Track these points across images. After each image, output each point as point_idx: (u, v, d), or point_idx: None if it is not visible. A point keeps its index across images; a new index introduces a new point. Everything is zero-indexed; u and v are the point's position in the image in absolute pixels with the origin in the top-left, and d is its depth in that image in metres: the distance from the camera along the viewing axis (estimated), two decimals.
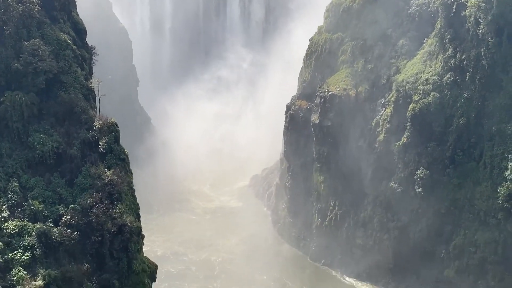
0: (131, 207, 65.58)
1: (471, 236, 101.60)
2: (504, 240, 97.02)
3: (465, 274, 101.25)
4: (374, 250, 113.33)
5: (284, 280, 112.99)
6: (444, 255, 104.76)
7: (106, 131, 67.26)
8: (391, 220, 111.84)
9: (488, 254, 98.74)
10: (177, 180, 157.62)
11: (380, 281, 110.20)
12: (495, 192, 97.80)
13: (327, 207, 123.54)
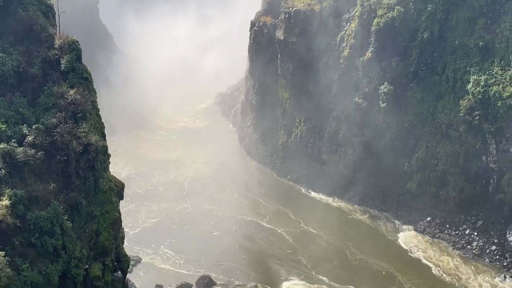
0: (96, 126, 65.11)
1: (433, 149, 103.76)
2: (465, 152, 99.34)
3: (427, 186, 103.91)
4: (339, 165, 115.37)
5: (253, 196, 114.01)
6: (407, 168, 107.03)
7: (67, 49, 65.83)
8: (356, 135, 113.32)
9: (449, 166, 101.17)
10: (140, 102, 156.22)
11: (345, 195, 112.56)
12: (457, 105, 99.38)
13: (292, 123, 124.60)
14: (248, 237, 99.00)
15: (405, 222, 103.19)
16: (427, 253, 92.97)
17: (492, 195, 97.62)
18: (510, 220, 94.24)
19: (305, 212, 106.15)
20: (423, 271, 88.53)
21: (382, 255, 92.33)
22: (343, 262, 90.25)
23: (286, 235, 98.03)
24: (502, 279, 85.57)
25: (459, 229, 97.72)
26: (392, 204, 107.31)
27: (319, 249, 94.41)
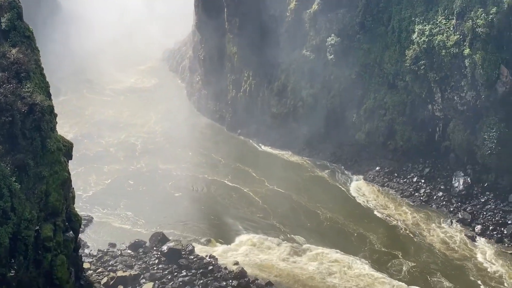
0: (40, 85, 63.84)
1: (380, 99, 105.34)
2: (411, 101, 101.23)
3: (375, 136, 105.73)
4: (289, 118, 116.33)
5: (210, 154, 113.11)
6: (356, 119, 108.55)
7: (7, 7, 63.92)
8: (304, 87, 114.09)
9: (396, 115, 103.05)
10: (85, 63, 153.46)
11: (295, 147, 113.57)
12: (403, 55, 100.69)
13: (241, 77, 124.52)
14: (211, 196, 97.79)
15: (355, 172, 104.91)
16: (378, 202, 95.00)
17: (438, 143, 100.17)
18: (455, 166, 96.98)
19: (265, 169, 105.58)
20: (378, 222, 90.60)
21: (344, 211, 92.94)
22: (316, 223, 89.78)
23: (253, 195, 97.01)
24: (449, 224, 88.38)
25: (407, 177, 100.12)
26: (342, 155, 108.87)
27: (291, 210, 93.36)
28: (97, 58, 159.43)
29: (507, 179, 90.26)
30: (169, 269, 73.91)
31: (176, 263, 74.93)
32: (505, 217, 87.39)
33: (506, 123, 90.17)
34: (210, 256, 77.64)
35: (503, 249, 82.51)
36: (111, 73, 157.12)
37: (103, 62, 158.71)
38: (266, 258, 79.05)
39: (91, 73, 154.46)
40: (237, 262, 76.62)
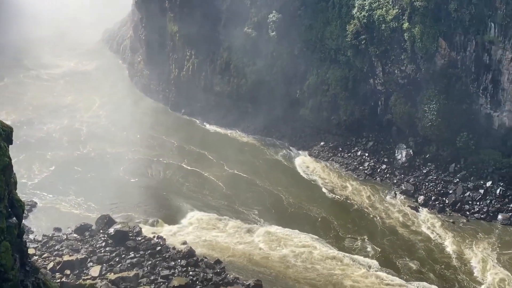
0: None
1: (323, 75, 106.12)
2: (353, 76, 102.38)
3: (319, 111, 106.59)
4: (233, 96, 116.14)
5: (159, 136, 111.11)
6: (299, 95, 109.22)
7: None
8: (247, 65, 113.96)
9: (339, 90, 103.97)
10: (23, 50, 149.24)
11: (240, 125, 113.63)
12: (344, 30, 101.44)
13: (183, 56, 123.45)
14: (168, 180, 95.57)
15: (300, 148, 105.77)
16: (324, 177, 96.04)
17: (380, 117, 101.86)
18: (398, 139, 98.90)
19: (220, 150, 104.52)
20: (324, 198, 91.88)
21: (292, 188, 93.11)
22: (266, 201, 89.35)
23: (216, 179, 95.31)
24: (393, 196, 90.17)
25: (351, 152, 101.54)
26: (287, 132, 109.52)
27: (245, 189, 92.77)
28: (37, 45, 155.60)
29: (448, 150, 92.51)
30: (116, 252, 73.17)
31: (124, 245, 74.26)
32: (447, 187, 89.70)
33: (446, 95, 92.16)
34: (158, 237, 77.25)
35: (445, 218, 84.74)
36: (50, 58, 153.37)
37: (43, 49, 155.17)
38: (215, 236, 79.11)
39: (30, 59, 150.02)
40: (185, 242, 76.50)
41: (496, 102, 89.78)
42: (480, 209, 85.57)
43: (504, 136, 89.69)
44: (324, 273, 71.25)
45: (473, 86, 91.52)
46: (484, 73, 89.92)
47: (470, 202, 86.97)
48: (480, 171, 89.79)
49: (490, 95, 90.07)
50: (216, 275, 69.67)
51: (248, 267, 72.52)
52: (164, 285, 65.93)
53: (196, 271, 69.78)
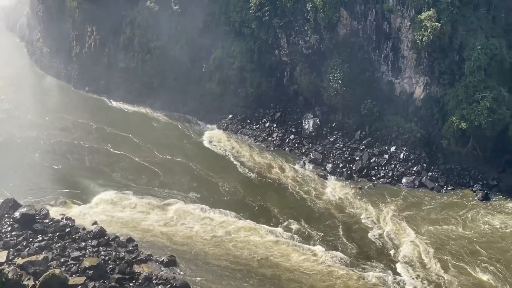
0: None
1: (228, 48, 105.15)
2: (258, 48, 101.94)
3: (226, 84, 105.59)
4: (138, 72, 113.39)
5: (66, 116, 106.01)
6: (206, 68, 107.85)
7: None
8: (151, 40, 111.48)
9: (245, 63, 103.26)
10: None
11: (147, 101, 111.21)
12: (247, 2, 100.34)
13: (84, 33, 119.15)
14: (93, 164, 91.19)
15: (208, 122, 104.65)
16: (233, 149, 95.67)
17: (287, 87, 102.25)
18: (304, 109, 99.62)
19: (140, 131, 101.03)
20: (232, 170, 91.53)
21: (203, 162, 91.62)
22: (176, 178, 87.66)
23: (150, 165, 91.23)
24: (302, 165, 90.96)
25: (259, 123, 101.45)
26: (195, 106, 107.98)
27: (166, 170, 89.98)
28: None
29: (353, 118, 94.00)
30: (23, 236, 69.90)
31: (31, 229, 71.00)
32: (353, 154, 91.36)
33: (349, 64, 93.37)
34: (66, 218, 74.49)
35: (353, 184, 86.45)
36: None
37: None
38: (126, 215, 77.29)
39: None
40: (95, 222, 74.27)
41: (397, 69, 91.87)
42: (386, 173, 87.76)
43: (406, 102, 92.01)
44: (239, 245, 71.08)
45: (375, 54, 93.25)
46: (384, 41, 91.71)
47: (376, 167, 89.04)
48: (385, 137, 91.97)
49: (391, 62, 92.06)
50: (129, 253, 68.16)
51: (161, 243, 71.21)
52: (75, 267, 63.79)
53: (108, 251, 67.98)
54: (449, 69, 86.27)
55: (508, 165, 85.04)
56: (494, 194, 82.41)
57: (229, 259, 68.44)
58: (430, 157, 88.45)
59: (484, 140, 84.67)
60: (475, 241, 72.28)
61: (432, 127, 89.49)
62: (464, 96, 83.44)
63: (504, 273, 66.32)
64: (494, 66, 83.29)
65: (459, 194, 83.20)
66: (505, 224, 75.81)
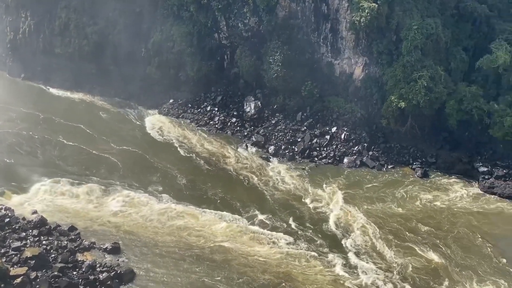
0: None
1: (167, 32, 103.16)
2: (198, 31, 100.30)
3: (166, 69, 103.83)
4: (75, 58, 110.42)
5: (18, 108, 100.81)
6: (145, 53, 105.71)
7: None
8: (88, 25, 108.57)
9: (185, 47, 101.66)
10: None
11: (85, 87, 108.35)
12: None
13: (18, 19, 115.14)
14: (45, 155, 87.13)
15: (149, 107, 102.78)
16: (176, 134, 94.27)
17: (227, 71, 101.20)
18: (246, 92, 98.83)
19: (89, 120, 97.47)
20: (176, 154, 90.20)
21: (145, 148, 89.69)
22: (118, 165, 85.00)
23: (112, 157, 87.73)
24: (244, 148, 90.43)
25: (201, 107, 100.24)
26: (135, 91, 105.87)
27: (104, 159, 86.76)
28: None
29: (294, 100, 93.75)
30: None
31: None
32: (295, 136, 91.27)
33: (289, 46, 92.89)
34: (5, 208, 71.93)
35: (295, 165, 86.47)
36: None
37: None
38: (68, 203, 74.92)
39: None
40: (35, 211, 72.00)
41: (336, 50, 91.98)
42: (328, 154, 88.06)
43: (345, 82, 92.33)
44: (189, 233, 69.78)
45: (314, 36, 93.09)
46: (323, 23, 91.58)
47: (318, 148, 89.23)
48: (326, 118, 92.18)
49: (330, 44, 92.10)
50: (71, 241, 66.37)
51: (105, 231, 69.24)
52: (16, 257, 61.66)
53: (50, 240, 66.00)
54: (387, 49, 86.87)
55: (445, 142, 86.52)
56: (433, 171, 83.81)
57: (180, 247, 67.07)
58: (371, 136, 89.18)
59: (422, 118, 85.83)
60: (413, 218, 73.22)
61: (372, 107, 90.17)
62: (402, 75, 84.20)
63: (445, 249, 67.26)
64: (430, 46, 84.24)
65: (399, 172, 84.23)
66: (440, 200, 77.25)
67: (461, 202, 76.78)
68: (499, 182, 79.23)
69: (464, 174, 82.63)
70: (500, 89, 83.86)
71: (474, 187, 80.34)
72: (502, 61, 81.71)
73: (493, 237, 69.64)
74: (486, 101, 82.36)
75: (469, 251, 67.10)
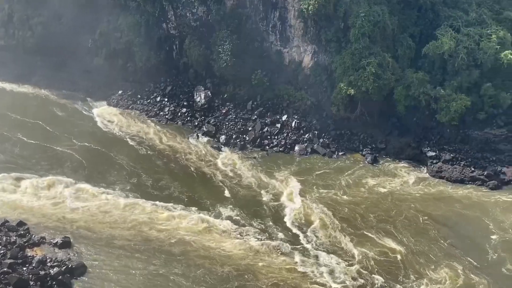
0: None
1: (115, 22, 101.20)
2: (145, 21, 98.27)
3: (114, 60, 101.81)
4: (19, 50, 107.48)
5: None
6: (91, 44, 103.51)
7: None
8: (32, 16, 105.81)
9: (132, 37, 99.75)
10: None
11: (31, 79, 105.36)
12: None
13: None
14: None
15: (98, 98, 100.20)
16: (125, 126, 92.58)
17: (176, 61, 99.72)
18: (195, 82, 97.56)
19: (46, 116, 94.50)
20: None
21: (96, 142, 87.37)
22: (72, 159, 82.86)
23: (69, 151, 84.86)
24: (196, 138, 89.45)
25: (150, 98, 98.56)
26: (82, 83, 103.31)
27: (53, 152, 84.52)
28: None
29: (244, 89, 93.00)
30: None
31: None
32: (246, 125, 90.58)
33: (238, 35, 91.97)
34: None
35: (247, 154, 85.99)
36: None
37: None
38: (16, 198, 72.86)
39: None
40: None
41: (285, 38, 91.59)
42: (279, 142, 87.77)
43: (295, 71, 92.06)
44: (148, 226, 68.35)
45: (263, 24, 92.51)
46: (271, 11, 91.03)
47: (269, 137, 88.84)
48: (276, 107, 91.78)
49: (279, 32, 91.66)
50: (20, 237, 64.64)
51: (58, 226, 67.30)
52: None
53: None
54: (335, 37, 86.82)
55: (394, 128, 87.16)
56: (382, 157, 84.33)
57: (137, 240, 65.60)
58: (321, 124, 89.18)
59: (371, 105, 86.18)
60: (364, 204, 73.30)
61: (322, 95, 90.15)
62: (350, 63, 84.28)
63: (397, 234, 67.44)
64: (377, 33, 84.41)
65: (350, 159, 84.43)
66: (389, 185, 77.57)
67: (409, 187, 77.30)
68: (446, 166, 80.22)
69: (413, 159, 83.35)
70: (446, 74, 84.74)
71: (423, 172, 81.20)
72: (447, 47, 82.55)
73: (437, 219, 70.31)
74: (433, 87, 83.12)
75: (419, 235, 67.50)
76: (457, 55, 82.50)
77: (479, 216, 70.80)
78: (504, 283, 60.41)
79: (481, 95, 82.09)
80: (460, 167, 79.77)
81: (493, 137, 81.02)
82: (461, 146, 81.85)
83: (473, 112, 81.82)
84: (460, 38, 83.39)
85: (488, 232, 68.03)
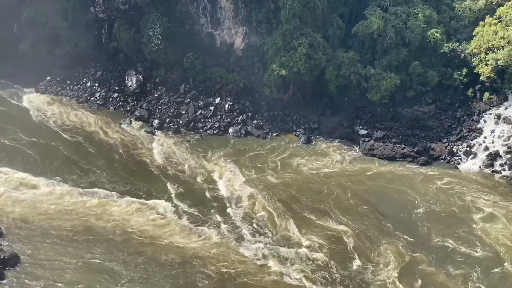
0: None
1: (39, 7, 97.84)
2: (72, 5, 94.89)
3: (41, 45, 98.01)
4: None
5: None
6: (17, 29, 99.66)
7: None
8: None
9: (59, 22, 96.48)
10: None
11: None
12: None
13: None
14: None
15: (25, 85, 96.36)
16: (55, 113, 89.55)
17: (106, 45, 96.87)
18: (126, 66, 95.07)
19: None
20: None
21: (26, 131, 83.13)
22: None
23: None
24: (128, 123, 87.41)
25: (80, 83, 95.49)
26: (9, 69, 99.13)
27: None
28: None
29: (176, 72, 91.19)
30: None
31: None
32: (179, 108, 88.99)
33: (168, 17, 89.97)
34: None
35: (180, 138, 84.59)
36: None
37: None
38: None
39: None
40: None
41: (216, 21, 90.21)
42: (212, 125, 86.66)
43: (226, 53, 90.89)
44: (91, 216, 65.73)
45: (193, 7, 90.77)
46: None
47: (202, 120, 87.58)
48: (209, 89, 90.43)
49: (209, 14, 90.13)
50: None
51: None
52: None
53: None
54: (266, 18, 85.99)
55: (326, 108, 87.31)
56: (316, 137, 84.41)
57: (77, 231, 63.07)
58: (254, 105, 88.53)
59: (303, 85, 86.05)
60: (300, 185, 72.97)
61: (254, 76, 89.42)
62: (282, 44, 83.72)
63: (332, 214, 67.56)
64: (307, 14, 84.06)
65: (284, 140, 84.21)
66: (322, 164, 77.71)
67: (341, 166, 77.55)
68: (378, 144, 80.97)
69: (346, 138, 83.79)
70: (376, 53, 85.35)
71: (355, 150, 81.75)
72: (376, 27, 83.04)
73: (366, 197, 70.77)
74: (363, 66, 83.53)
75: (354, 214, 67.56)
76: (386, 34, 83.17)
77: (405, 191, 71.64)
78: (438, 256, 61.13)
79: (409, 73, 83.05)
80: (392, 144, 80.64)
81: (422, 114, 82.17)
82: (391, 124, 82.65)
83: (403, 90, 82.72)
84: (388, 17, 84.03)
85: (415, 205, 69.07)
